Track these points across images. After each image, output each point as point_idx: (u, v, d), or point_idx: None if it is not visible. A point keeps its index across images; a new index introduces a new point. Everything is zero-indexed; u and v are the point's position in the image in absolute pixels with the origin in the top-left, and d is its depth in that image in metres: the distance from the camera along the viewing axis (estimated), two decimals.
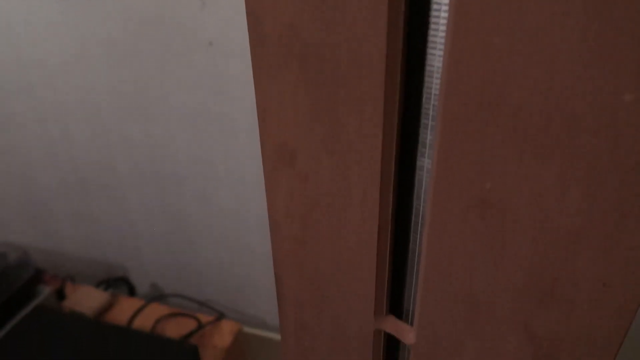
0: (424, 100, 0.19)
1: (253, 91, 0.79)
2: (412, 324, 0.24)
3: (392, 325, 0.25)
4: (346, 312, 0.26)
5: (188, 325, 0.84)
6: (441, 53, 0.18)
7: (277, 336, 0.96)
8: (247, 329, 0.96)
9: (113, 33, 0.76)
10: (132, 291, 0.98)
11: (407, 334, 0.24)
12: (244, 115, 0.76)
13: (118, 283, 0.96)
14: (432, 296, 0.21)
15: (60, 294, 0.88)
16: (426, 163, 0.20)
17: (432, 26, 0.17)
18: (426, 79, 0.18)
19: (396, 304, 0.25)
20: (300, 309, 0.29)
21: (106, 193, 0.91)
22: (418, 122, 0.20)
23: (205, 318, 0.85)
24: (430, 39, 0.18)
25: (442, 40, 0.17)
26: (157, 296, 0.94)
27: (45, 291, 0.82)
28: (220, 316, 0.86)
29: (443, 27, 0.17)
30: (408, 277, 0.24)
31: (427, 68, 0.18)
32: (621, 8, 0.12)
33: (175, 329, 0.83)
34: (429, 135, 0.20)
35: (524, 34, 0.14)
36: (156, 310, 0.87)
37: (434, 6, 0.17)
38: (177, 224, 0.91)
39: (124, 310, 0.87)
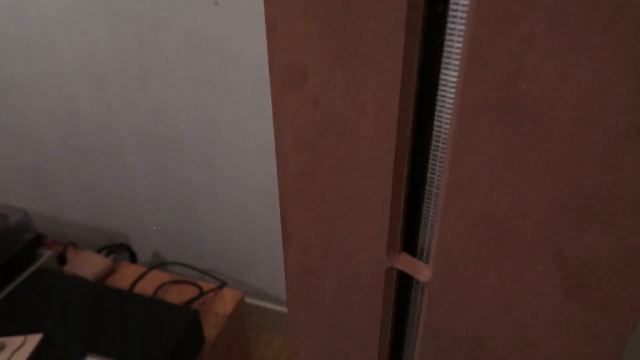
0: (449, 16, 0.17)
1: (258, 54, 0.76)
2: (427, 262, 0.23)
3: (405, 262, 0.23)
4: (356, 250, 0.24)
5: (190, 292, 0.83)
6: None
7: (277, 307, 0.95)
8: (248, 300, 0.96)
9: None
10: (133, 258, 0.97)
11: (421, 271, 0.22)
12: (249, 78, 0.73)
13: (119, 250, 0.96)
14: (452, 221, 0.19)
15: (61, 259, 0.87)
16: (450, 76, 0.19)
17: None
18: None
19: (410, 242, 0.24)
20: (306, 250, 0.27)
21: (107, 159, 0.90)
22: (444, 28, 0.18)
23: (207, 286, 0.85)
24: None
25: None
26: (159, 264, 0.93)
27: (47, 254, 0.81)
28: (222, 284, 0.85)
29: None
30: (424, 211, 0.23)
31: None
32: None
33: (176, 296, 0.82)
34: (456, 43, 0.18)
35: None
36: (158, 277, 0.86)
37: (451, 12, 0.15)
38: (179, 191, 0.89)
39: (125, 276, 0.86)
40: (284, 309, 0.94)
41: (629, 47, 0.13)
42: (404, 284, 0.25)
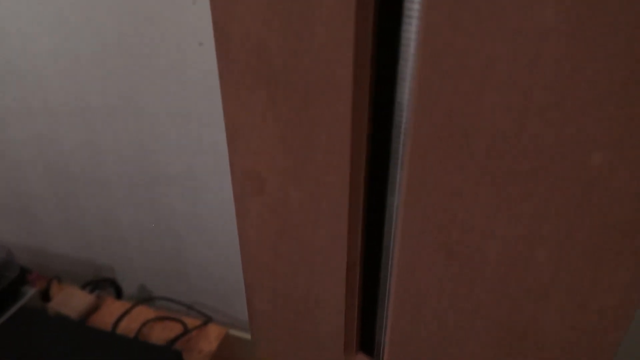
0: (393, 137, 0.18)
1: None
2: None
3: None
4: (316, 346, 0.25)
5: (174, 329, 0.83)
6: (410, 86, 0.17)
7: None
8: (235, 332, 0.96)
9: (101, 32, 0.75)
10: (119, 293, 0.97)
11: None
12: None
13: (105, 284, 0.95)
14: (401, 338, 0.20)
15: (45, 295, 0.87)
16: (396, 201, 0.19)
17: (401, 62, 0.16)
18: (395, 114, 0.18)
19: (367, 341, 0.24)
20: (272, 340, 0.28)
21: (94, 192, 0.90)
22: (388, 160, 0.19)
23: (191, 322, 0.85)
24: (400, 75, 0.17)
25: (411, 73, 0.16)
26: (144, 299, 0.93)
27: (30, 292, 0.81)
28: (207, 320, 0.85)
29: (411, 64, 0.16)
30: (379, 314, 0.23)
31: (397, 102, 0.17)
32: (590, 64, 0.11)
33: (161, 333, 0.82)
34: (399, 173, 0.19)
35: (493, 82, 0.13)
36: (142, 314, 0.86)
37: (403, 41, 0.16)
38: (165, 226, 0.90)
39: (109, 313, 0.86)
40: None
41: (544, 218, 0.14)
42: None
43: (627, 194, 0.12)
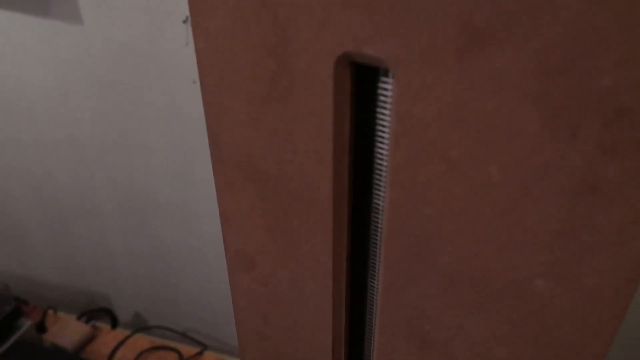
0: (371, 236, 0.20)
1: None
2: None
3: None
4: None
5: (170, 358, 0.84)
6: (384, 202, 0.19)
7: None
8: (229, 359, 0.97)
9: (95, 70, 0.77)
10: (114, 321, 0.98)
11: None
12: None
13: (101, 314, 0.96)
14: None
15: (41, 326, 0.88)
16: (377, 284, 0.22)
17: (376, 174, 0.19)
18: (372, 219, 0.20)
19: None
20: None
21: (87, 226, 0.92)
22: (367, 248, 0.21)
23: (187, 350, 0.86)
24: (375, 184, 0.19)
25: (384, 194, 0.18)
26: (139, 329, 0.94)
27: (26, 325, 0.82)
28: (203, 349, 0.86)
29: (384, 184, 0.18)
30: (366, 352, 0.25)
31: (372, 216, 0.19)
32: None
33: None
34: (378, 260, 0.21)
35: (450, 210, 0.16)
36: (138, 343, 0.87)
37: (376, 162, 0.18)
38: (158, 256, 0.91)
39: (105, 343, 0.87)
40: None
41: (505, 323, 0.16)
42: None
43: (564, 314, 0.15)
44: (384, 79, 0.16)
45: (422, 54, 0.14)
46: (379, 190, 0.19)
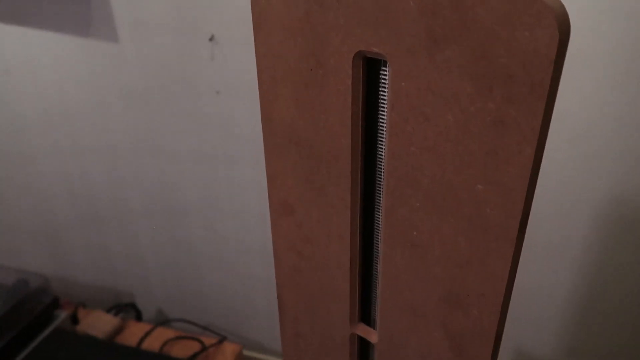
0: (376, 182, 0.30)
1: (255, 134, 0.90)
2: (375, 328, 0.35)
3: (362, 329, 0.35)
4: (331, 321, 0.36)
5: (192, 347, 0.93)
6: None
7: (275, 359, 1.05)
8: (247, 353, 1.05)
9: (130, 83, 0.88)
10: (139, 316, 1.07)
11: (372, 335, 0.35)
12: (247, 155, 0.87)
13: (126, 309, 1.06)
14: (387, 306, 0.32)
15: (74, 319, 0.97)
16: (381, 209, 0.31)
17: (379, 137, 0.29)
18: (377, 166, 0.30)
19: (365, 315, 0.36)
20: (296, 321, 0.39)
21: (118, 225, 1.02)
22: (374, 192, 0.31)
23: (208, 340, 0.95)
24: (378, 148, 0.29)
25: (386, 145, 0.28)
26: (163, 321, 1.03)
27: (62, 316, 0.92)
28: (222, 339, 0.95)
29: (384, 137, 0.28)
30: (373, 296, 0.35)
31: (378, 160, 0.29)
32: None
33: (180, 351, 0.92)
34: (382, 191, 0.31)
35: (426, 146, 0.26)
36: (163, 334, 0.96)
37: (379, 123, 0.28)
38: (183, 253, 1.01)
39: (132, 334, 0.96)
40: None
41: (463, 220, 0.26)
42: (364, 346, 0.37)
43: (493, 204, 0.25)
44: (383, 68, 0.26)
45: (406, 51, 0.24)
46: (382, 141, 0.29)
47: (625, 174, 0.66)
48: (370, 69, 0.27)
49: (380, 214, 0.31)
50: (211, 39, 0.81)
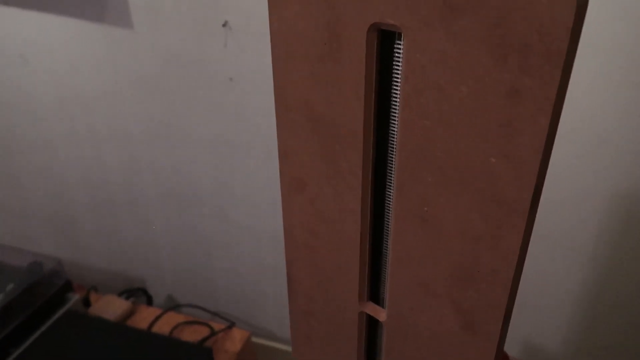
0: (388, 158, 0.30)
1: (268, 121, 0.90)
2: (384, 307, 0.35)
3: (371, 308, 0.36)
4: (341, 300, 0.37)
5: (202, 332, 0.94)
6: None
7: (283, 346, 1.06)
8: (256, 339, 1.06)
9: (144, 69, 0.89)
10: (149, 301, 1.08)
11: (381, 314, 0.35)
12: (260, 142, 0.87)
13: (138, 293, 1.07)
14: (397, 284, 0.32)
15: (86, 302, 0.99)
16: (393, 184, 0.31)
17: (392, 110, 0.29)
18: (389, 141, 0.30)
19: (374, 294, 0.36)
20: (305, 298, 0.39)
21: (131, 210, 1.03)
22: (386, 168, 0.31)
23: (217, 326, 0.96)
24: (391, 122, 0.29)
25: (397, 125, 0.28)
26: (173, 306, 1.04)
27: (74, 298, 0.93)
28: (231, 324, 0.96)
29: (397, 113, 0.28)
30: (382, 274, 0.35)
31: (390, 139, 0.30)
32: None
33: (190, 335, 0.94)
34: (394, 166, 0.31)
35: (440, 119, 0.26)
36: (173, 318, 0.98)
37: (392, 96, 0.28)
38: (194, 240, 1.02)
39: (143, 318, 0.98)
40: (289, 348, 1.05)
41: (476, 195, 0.26)
42: (373, 325, 0.37)
43: (506, 177, 0.24)
44: (397, 41, 0.26)
45: (421, 22, 0.24)
46: (395, 116, 0.29)
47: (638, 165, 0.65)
48: (384, 42, 0.27)
49: (392, 189, 0.31)
50: (224, 24, 0.81)
